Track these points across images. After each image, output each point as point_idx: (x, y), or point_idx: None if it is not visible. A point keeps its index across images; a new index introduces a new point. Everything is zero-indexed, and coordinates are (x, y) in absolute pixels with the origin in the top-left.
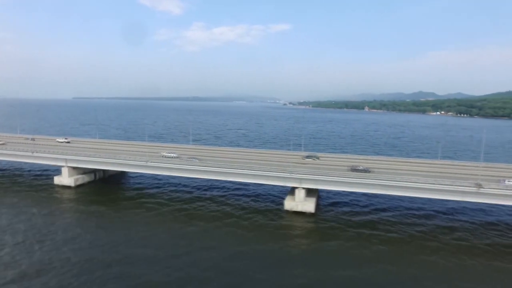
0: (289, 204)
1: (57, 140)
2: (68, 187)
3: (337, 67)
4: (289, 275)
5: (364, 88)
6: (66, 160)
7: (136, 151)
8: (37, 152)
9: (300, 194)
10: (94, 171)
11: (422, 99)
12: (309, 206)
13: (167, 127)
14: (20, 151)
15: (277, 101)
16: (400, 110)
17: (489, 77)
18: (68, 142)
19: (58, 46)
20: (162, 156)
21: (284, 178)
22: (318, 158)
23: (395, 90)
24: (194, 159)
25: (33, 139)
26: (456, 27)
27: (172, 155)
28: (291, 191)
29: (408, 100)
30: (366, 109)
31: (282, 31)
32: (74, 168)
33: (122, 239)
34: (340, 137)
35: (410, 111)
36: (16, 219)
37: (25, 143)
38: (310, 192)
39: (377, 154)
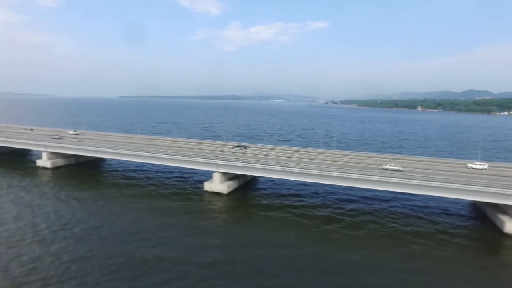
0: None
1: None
2: (219, 194)
3: (377, 65)
4: None
5: (407, 86)
6: (217, 165)
7: (282, 156)
8: (187, 157)
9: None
10: (239, 176)
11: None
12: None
13: (252, 126)
14: (171, 155)
15: (315, 100)
16: (459, 110)
17: None
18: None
19: (104, 47)
20: (383, 168)
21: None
22: (245, 147)
23: (441, 88)
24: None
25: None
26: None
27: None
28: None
29: (461, 99)
30: (419, 108)
31: (320, 29)
32: (224, 173)
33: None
34: (432, 139)
35: (471, 111)
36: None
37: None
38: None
39: None
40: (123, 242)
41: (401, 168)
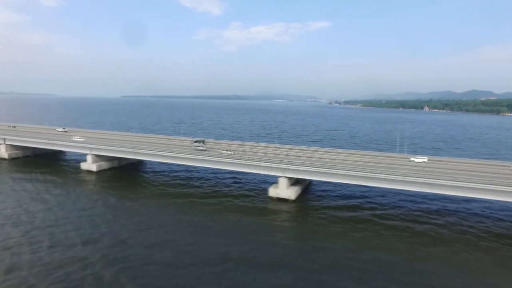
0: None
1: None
2: (285, 200)
3: (378, 65)
4: None
5: (408, 87)
6: (283, 169)
7: (342, 160)
8: (252, 161)
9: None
10: (300, 181)
11: (482, 98)
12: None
13: (271, 127)
14: (233, 159)
15: (317, 100)
16: (467, 110)
17: None
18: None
19: (105, 47)
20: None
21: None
22: (204, 142)
23: (443, 89)
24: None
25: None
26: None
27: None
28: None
29: (465, 99)
30: (426, 109)
31: (321, 29)
32: (289, 178)
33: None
34: (461, 140)
35: (479, 111)
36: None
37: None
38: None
39: None
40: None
41: None
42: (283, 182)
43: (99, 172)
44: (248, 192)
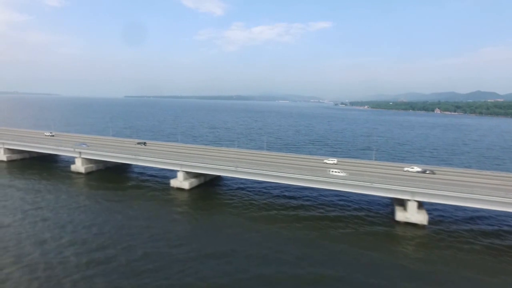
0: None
1: (45, 134)
2: (415, 225)
3: (380, 65)
4: None
5: (411, 87)
6: (412, 193)
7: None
8: (378, 183)
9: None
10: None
11: (487, 99)
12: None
13: (291, 131)
14: (354, 181)
15: (321, 101)
16: (480, 113)
17: None
18: (53, 136)
19: (108, 47)
20: None
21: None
22: (145, 144)
23: (446, 90)
24: None
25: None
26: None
27: None
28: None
29: (470, 100)
30: (437, 111)
31: (323, 29)
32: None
33: None
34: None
35: (492, 114)
36: None
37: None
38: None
39: None
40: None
41: None
42: (412, 206)
43: (191, 190)
44: (371, 214)
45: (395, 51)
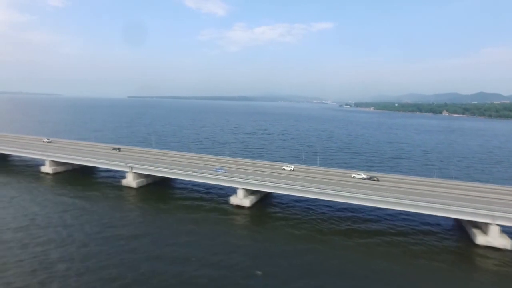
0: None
1: (43, 140)
2: (498, 249)
3: (382, 66)
4: None
5: (413, 88)
6: (493, 217)
7: None
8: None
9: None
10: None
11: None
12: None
13: (308, 136)
14: (417, 202)
15: (324, 102)
16: (490, 116)
17: None
18: (50, 142)
19: (110, 47)
20: None
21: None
22: (119, 149)
23: (449, 91)
24: None
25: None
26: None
27: None
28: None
29: (473, 102)
30: (445, 113)
31: (324, 30)
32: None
33: None
34: None
35: (503, 116)
36: None
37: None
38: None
39: None
40: None
41: None
42: (495, 230)
43: (251, 208)
44: (438, 237)
45: (397, 52)
